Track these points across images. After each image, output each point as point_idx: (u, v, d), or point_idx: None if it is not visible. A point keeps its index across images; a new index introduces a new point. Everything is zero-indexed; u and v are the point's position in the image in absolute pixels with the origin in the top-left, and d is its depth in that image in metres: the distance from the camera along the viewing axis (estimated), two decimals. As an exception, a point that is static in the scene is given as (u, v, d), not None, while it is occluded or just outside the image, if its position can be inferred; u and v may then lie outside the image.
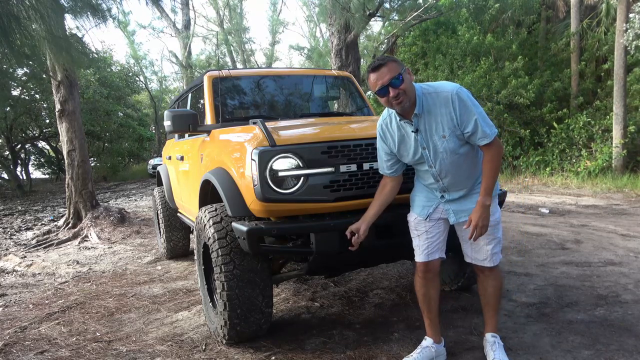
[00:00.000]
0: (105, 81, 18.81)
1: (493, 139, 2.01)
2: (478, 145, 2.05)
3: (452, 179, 2.13)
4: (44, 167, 23.31)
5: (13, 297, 4.09)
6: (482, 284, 2.33)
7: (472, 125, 1.99)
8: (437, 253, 2.28)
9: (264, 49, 31.11)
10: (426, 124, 2.06)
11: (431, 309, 2.34)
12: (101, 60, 18.40)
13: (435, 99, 2.04)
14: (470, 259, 2.30)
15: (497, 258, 2.25)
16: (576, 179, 9.66)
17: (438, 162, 2.10)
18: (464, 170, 2.13)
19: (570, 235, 5.05)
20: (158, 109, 27.01)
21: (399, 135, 2.16)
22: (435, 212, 2.23)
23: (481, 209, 2.04)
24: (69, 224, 7.24)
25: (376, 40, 15.20)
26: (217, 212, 2.59)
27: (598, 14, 12.62)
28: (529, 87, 10.89)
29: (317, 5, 18.04)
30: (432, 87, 2.07)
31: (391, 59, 2.02)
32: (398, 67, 2.00)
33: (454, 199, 2.18)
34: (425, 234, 2.25)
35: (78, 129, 7.25)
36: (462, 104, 1.99)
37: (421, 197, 2.26)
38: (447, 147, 2.05)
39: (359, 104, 4.09)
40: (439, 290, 2.37)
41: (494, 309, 2.35)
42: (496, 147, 2.04)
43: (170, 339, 2.87)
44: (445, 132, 2.04)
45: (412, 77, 2.08)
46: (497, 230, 2.23)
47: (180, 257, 5.11)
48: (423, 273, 2.31)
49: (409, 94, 2.01)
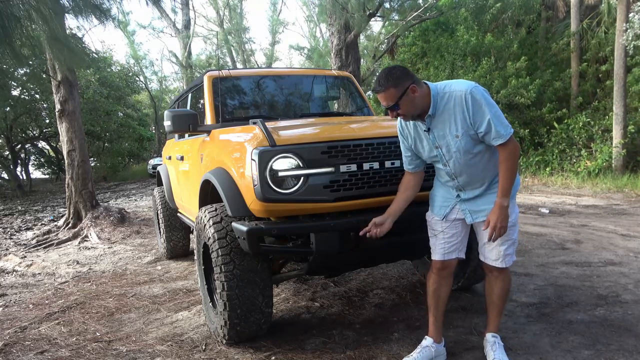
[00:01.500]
0: (105, 81, 18.80)
1: (508, 138, 1.99)
2: (492, 144, 2.03)
3: (467, 177, 2.14)
4: (44, 167, 23.30)
5: (13, 297, 4.09)
6: (490, 285, 2.33)
7: (486, 125, 1.98)
8: (454, 253, 2.29)
9: (264, 49, 31.13)
10: (439, 123, 2.07)
11: (438, 307, 2.35)
12: (101, 60, 18.39)
13: (449, 99, 2.03)
14: (483, 258, 2.29)
15: (510, 260, 2.24)
16: (576, 179, 9.66)
17: (452, 161, 2.11)
18: (479, 169, 2.12)
19: (570, 235, 5.05)
20: (158, 109, 27.00)
21: (415, 133, 2.19)
22: (452, 213, 2.23)
23: (499, 210, 2.03)
24: (69, 224, 7.24)
25: (376, 40, 15.20)
26: (217, 212, 2.59)
27: (598, 14, 12.62)
28: (530, 88, 10.89)
29: (317, 5, 18.04)
30: (447, 87, 2.06)
31: (391, 85, 1.98)
32: (396, 93, 1.98)
33: (470, 198, 2.18)
34: (441, 234, 2.26)
35: (78, 129, 7.24)
36: (476, 103, 1.98)
37: (439, 197, 2.27)
38: (460, 146, 2.05)
39: (359, 104, 4.09)
40: (449, 290, 2.39)
41: (498, 310, 2.35)
42: (512, 146, 2.01)
43: (170, 339, 2.87)
44: (458, 132, 2.03)
45: (419, 92, 2.02)
46: (514, 231, 2.21)
47: (180, 257, 5.11)
48: (438, 271, 2.32)
49: (410, 112, 2.04)
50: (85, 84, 16.92)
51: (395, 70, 1.99)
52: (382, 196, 2.38)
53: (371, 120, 3.36)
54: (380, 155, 2.38)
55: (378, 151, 2.37)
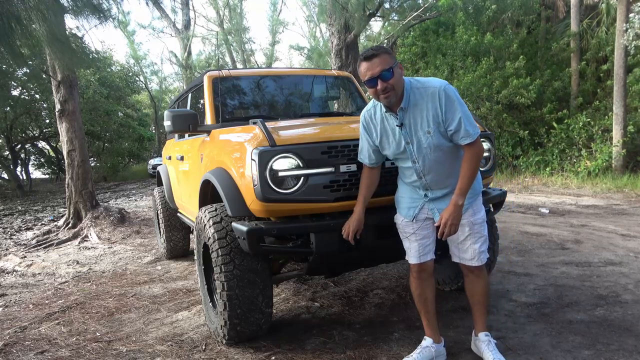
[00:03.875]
0: (105, 81, 18.82)
1: (475, 139, 2.02)
2: (460, 144, 2.05)
3: (435, 175, 2.13)
4: (44, 167, 23.33)
5: (13, 297, 4.09)
6: (472, 285, 2.32)
7: (456, 123, 2.00)
8: (429, 255, 2.29)
9: (264, 49, 31.08)
10: (411, 118, 2.07)
11: (428, 310, 2.35)
12: (101, 60, 18.39)
13: (422, 94, 2.04)
14: (457, 259, 2.29)
15: (485, 257, 2.25)
16: (576, 179, 9.66)
17: (422, 157, 2.10)
18: (447, 167, 2.13)
19: (570, 235, 5.05)
20: (158, 109, 27.02)
21: (382, 128, 2.17)
22: (421, 213, 2.22)
23: (453, 207, 2.05)
24: (69, 224, 7.24)
25: (376, 40, 15.21)
26: (217, 212, 2.59)
27: (598, 14, 12.62)
28: (530, 88, 10.89)
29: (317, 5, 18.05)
30: (421, 82, 2.08)
31: (385, 51, 2.02)
32: (390, 60, 2.00)
33: (438, 197, 2.18)
34: (414, 236, 2.25)
35: (78, 129, 7.25)
36: (449, 100, 2.00)
37: (406, 198, 2.26)
38: (432, 142, 2.06)
39: (359, 104, 4.09)
40: (434, 290, 2.38)
41: (485, 307, 2.35)
42: (477, 147, 2.04)
43: (170, 339, 2.87)
44: (430, 128, 2.04)
45: (403, 72, 2.07)
46: (484, 228, 2.23)
47: (180, 257, 5.11)
48: (417, 273, 2.32)
49: (397, 89, 2.02)
50: (85, 84, 16.93)
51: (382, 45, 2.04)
52: (382, 196, 2.38)
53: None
54: (380, 155, 2.37)
55: (378, 151, 2.37)
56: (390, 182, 2.39)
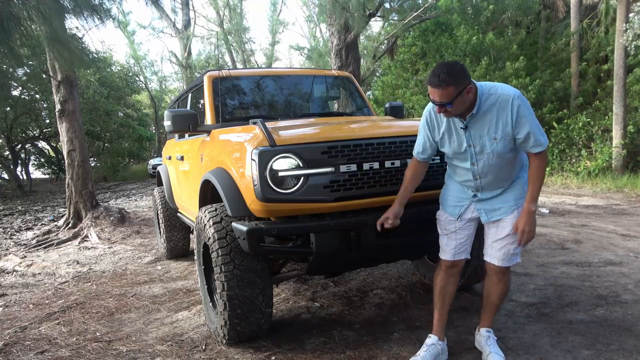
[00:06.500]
0: (105, 81, 18.81)
1: (545, 148, 2.04)
2: (529, 152, 2.05)
3: (492, 179, 2.15)
4: (44, 167, 23.30)
5: (13, 297, 4.09)
6: (493, 286, 2.31)
7: (526, 133, 2.00)
8: (464, 254, 2.32)
9: (264, 49, 31.04)
10: (479, 122, 2.07)
11: (444, 305, 2.38)
12: (101, 60, 18.39)
13: (495, 101, 2.04)
14: (489, 258, 2.28)
15: (514, 259, 2.25)
16: (576, 179, 9.66)
17: (482, 161, 2.11)
18: (505, 172, 2.14)
19: (570, 235, 5.05)
20: (158, 109, 27.02)
21: (447, 126, 2.17)
22: (467, 212, 2.25)
23: (527, 214, 2.06)
24: (69, 224, 7.24)
25: (376, 40, 15.21)
26: (217, 212, 2.59)
27: (598, 14, 12.61)
28: (530, 88, 10.89)
29: (317, 5, 18.05)
30: (494, 89, 2.07)
31: (452, 83, 1.93)
32: (454, 92, 1.94)
33: (487, 198, 2.19)
34: (454, 234, 2.28)
35: (78, 129, 7.25)
36: (521, 110, 1.99)
37: (452, 197, 2.28)
38: (496, 149, 2.06)
39: (359, 104, 4.09)
40: (456, 287, 2.42)
41: (496, 308, 2.38)
42: (545, 155, 2.07)
43: (170, 339, 2.87)
44: (497, 135, 2.04)
45: (472, 92, 2.01)
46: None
47: (180, 257, 5.11)
48: (447, 269, 2.35)
49: (458, 111, 2.02)
50: (85, 84, 16.93)
51: (457, 67, 1.95)
52: (382, 196, 2.38)
53: (371, 120, 3.36)
54: (380, 155, 2.38)
55: (378, 151, 2.37)
56: (390, 183, 2.39)
